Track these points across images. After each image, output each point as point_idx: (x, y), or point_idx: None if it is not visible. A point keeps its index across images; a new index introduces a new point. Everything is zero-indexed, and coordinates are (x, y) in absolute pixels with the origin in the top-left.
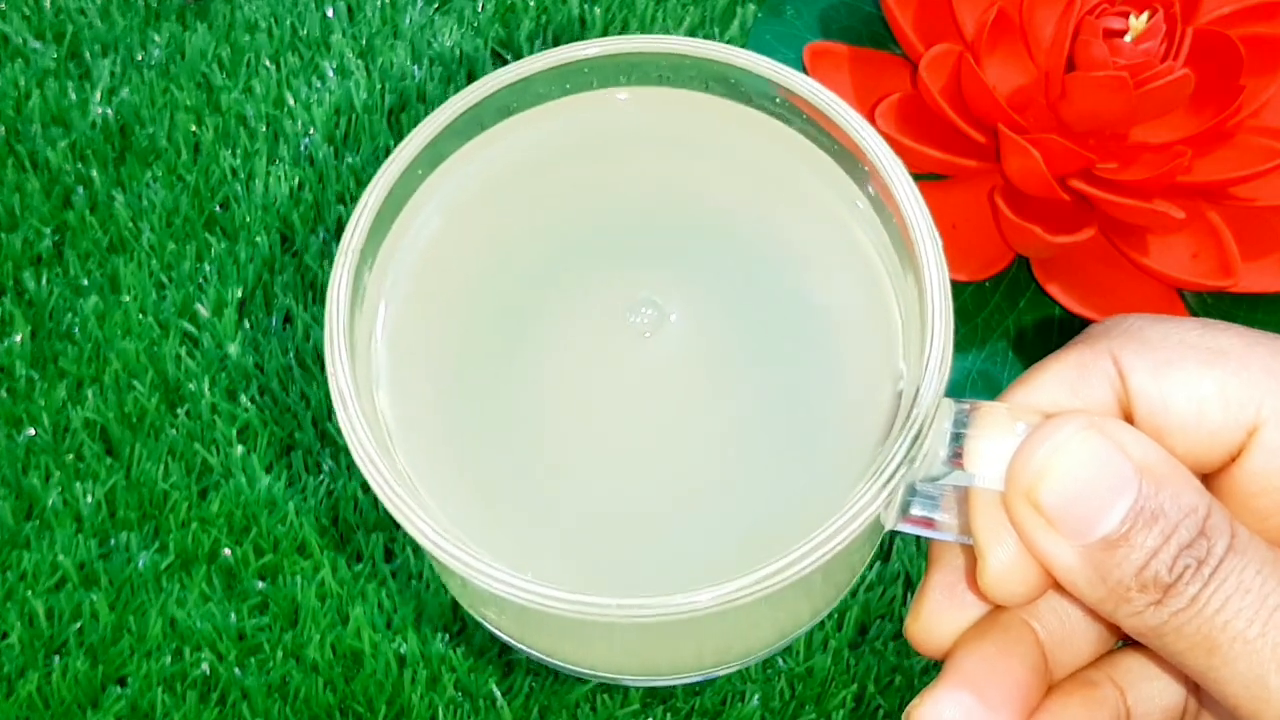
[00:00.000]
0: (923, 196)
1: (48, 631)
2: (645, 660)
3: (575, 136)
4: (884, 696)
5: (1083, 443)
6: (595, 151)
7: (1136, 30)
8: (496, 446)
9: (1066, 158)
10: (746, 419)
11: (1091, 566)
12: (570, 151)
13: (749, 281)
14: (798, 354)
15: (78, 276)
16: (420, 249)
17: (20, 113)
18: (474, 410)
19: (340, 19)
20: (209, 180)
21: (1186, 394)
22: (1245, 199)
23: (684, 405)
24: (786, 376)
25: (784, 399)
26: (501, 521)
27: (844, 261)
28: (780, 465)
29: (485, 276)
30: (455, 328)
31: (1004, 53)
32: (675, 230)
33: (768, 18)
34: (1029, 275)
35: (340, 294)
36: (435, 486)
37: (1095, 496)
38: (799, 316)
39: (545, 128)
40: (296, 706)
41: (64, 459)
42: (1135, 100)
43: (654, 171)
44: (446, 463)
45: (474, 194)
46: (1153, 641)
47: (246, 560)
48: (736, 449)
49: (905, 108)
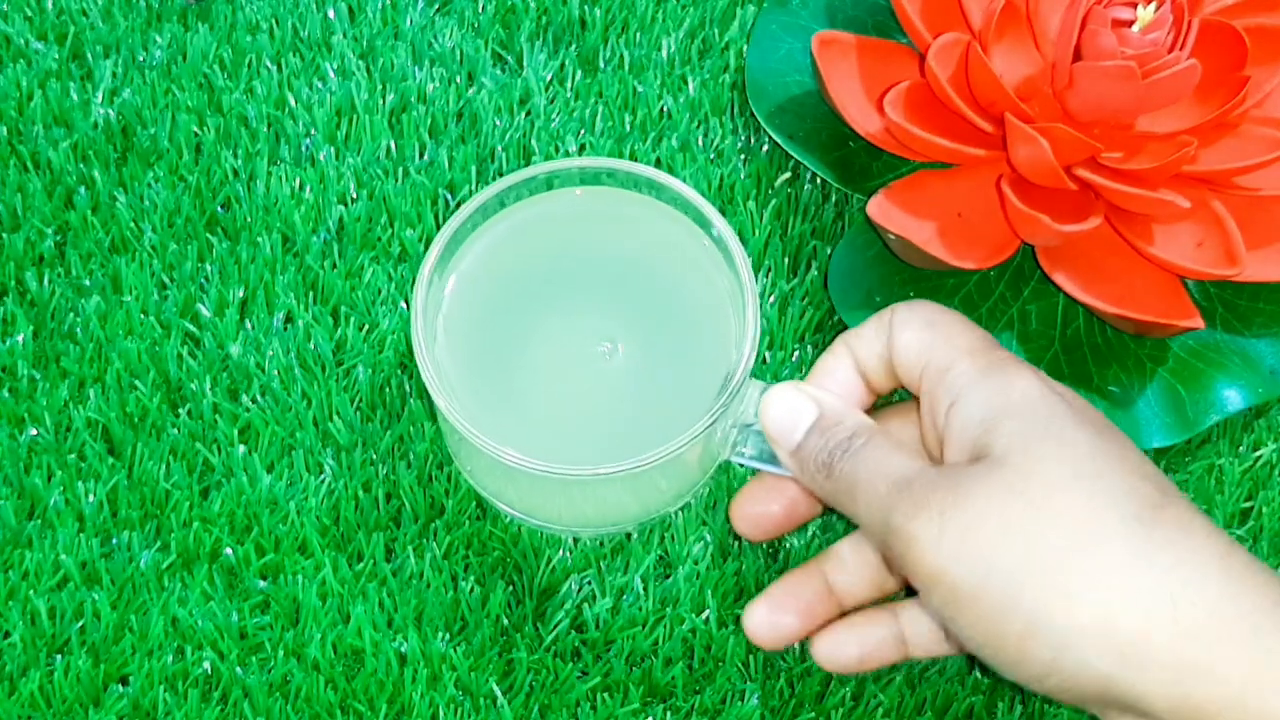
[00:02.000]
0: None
1: (50, 630)
2: (578, 512)
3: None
4: (884, 695)
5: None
6: (563, 223)
7: (1144, 20)
8: (505, 376)
9: (1073, 147)
10: (647, 383)
11: (796, 462)
12: (552, 223)
13: (651, 300)
14: (678, 347)
15: (80, 277)
16: (470, 267)
17: (22, 113)
18: (498, 359)
19: (341, 20)
20: (210, 181)
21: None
22: (1250, 188)
23: (610, 369)
24: (670, 359)
25: (668, 372)
26: (501, 418)
27: (704, 285)
28: (660, 409)
29: (508, 291)
30: (488, 318)
31: (1011, 42)
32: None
33: (773, 8)
34: (1034, 263)
35: (421, 284)
36: (461, 387)
37: (794, 421)
38: (679, 322)
39: (538, 208)
40: (298, 705)
41: (66, 458)
42: (1142, 90)
43: (594, 235)
44: (475, 377)
45: (502, 239)
46: (831, 501)
47: (248, 559)
48: (638, 397)
49: (913, 97)
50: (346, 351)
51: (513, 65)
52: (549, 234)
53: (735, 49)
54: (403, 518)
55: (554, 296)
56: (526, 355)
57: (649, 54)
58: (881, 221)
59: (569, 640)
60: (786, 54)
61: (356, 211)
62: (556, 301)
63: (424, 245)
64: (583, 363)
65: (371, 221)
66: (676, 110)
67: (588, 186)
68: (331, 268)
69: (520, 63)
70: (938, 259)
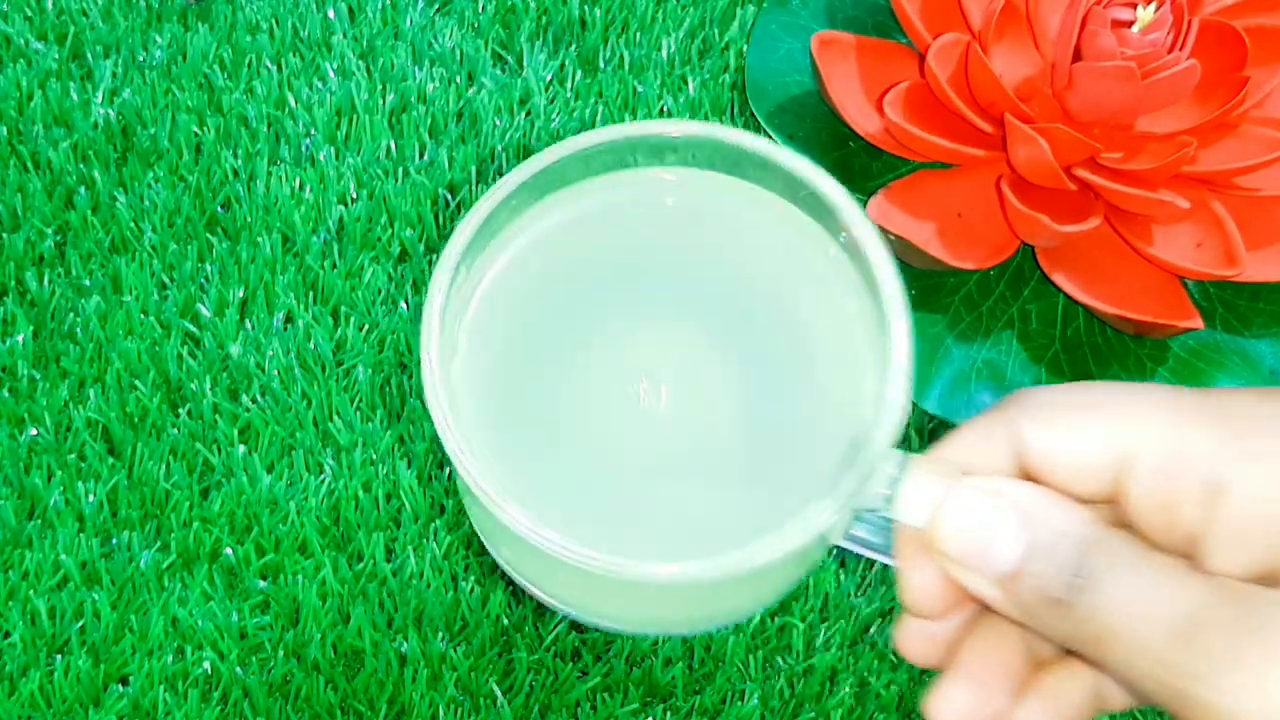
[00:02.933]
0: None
1: (50, 630)
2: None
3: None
4: (884, 693)
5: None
6: (634, 215)
7: (1144, 21)
8: (536, 423)
9: (1073, 147)
10: (736, 435)
11: (1006, 594)
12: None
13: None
14: (782, 388)
15: (80, 277)
16: (504, 266)
17: (22, 113)
18: (523, 393)
19: (341, 20)
20: (210, 181)
21: (1067, 442)
22: (1249, 189)
23: (689, 426)
24: (772, 406)
25: (774, 432)
26: (532, 486)
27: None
28: (754, 479)
29: (546, 299)
30: (518, 331)
31: (1011, 43)
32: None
33: (773, 8)
34: (1034, 264)
35: (440, 283)
36: (486, 447)
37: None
38: (785, 357)
39: (601, 195)
40: (298, 705)
41: (66, 459)
42: (1142, 90)
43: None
44: (506, 420)
45: (554, 234)
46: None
47: (248, 559)
48: (731, 462)
49: (913, 97)
50: (346, 351)
51: (513, 65)
52: (620, 230)
53: (735, 49)
54: (403, 518)
55: (621, 320)
56: (579, 398)
57: (649, 54)
58: (881, 222)
59: (569, 640)
60: (786, 54)
61: (356, 211)
62: (624, 327)
63: (424, 245)
64: (657, 415)
65: (371, 221)
66: (676, 110)
67: (677, 168)
68: (331, 268)
69: (520, 63)
70: (938, 259)
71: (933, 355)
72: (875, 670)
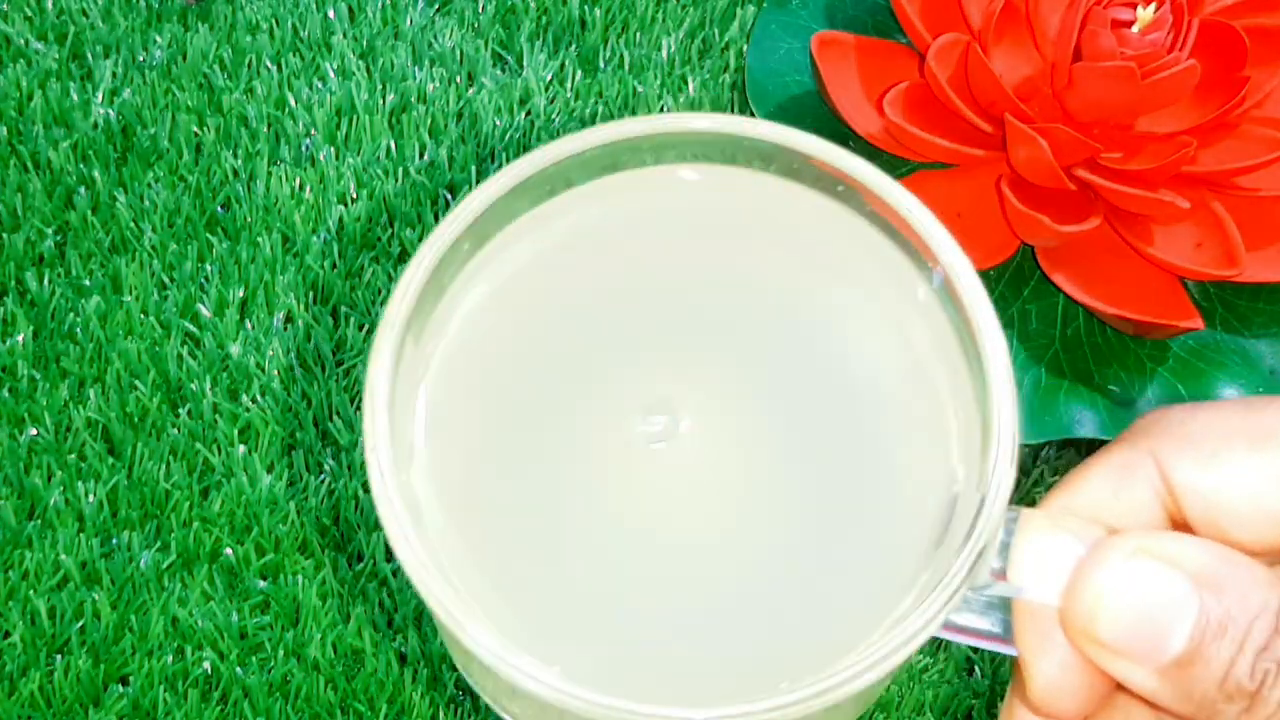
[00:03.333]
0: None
1: (50, 630)
2: None
3: (624, 216)
4: (885, 693)
5: (1132, 568)
6: (642, 232)
7: (1144, 21)
8: (525, 536)
9: (1073, 147)
10: (785, 517)
11: (1172, 685)
12: (618, 231)
13: (796, 371)
14: (843, 452)
15: (80, 277)
16: (462, 327)
17: (22, 114)
18: (505, 495)
19: (341, 20)
20: (210, 181)
21: (1239, 483)
22: (1249, 189)
23: (720, 503)
24: (830, 476)
25: (826, 499)
26: (524, 611)
27: (896, 355)
28: (820, 571)
29: (523, 360)
30: (490, 408)
31: (1011, 43)
32: (721, 317)
33: (773, 8)
34: (1034, 264)
35: (382, 367)
36: (460, 568)
37: (1156, 620)
38: (846, 412)
39: (595, 207)
40: (298, 705)
41: (66, 459)
42: (1142, 91)
43: (700, 255)
44: (473, 544)
45: (523, 269)
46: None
47: (248, 559)
48: (773, 550)
49: (912, 97)
50: (346, 351)
51: (513, 65)
52: (621, 253)
53: (735, 49)
54: None
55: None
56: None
57: (649, 54)
58: None
59: None
60: (786, 54)
61: (356, 211)
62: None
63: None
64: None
65: (371, 221)
66: (676, 110)
67: (702, 163)
68: (331, 268)
69: (520, 63)
70: None
71: None
72: None
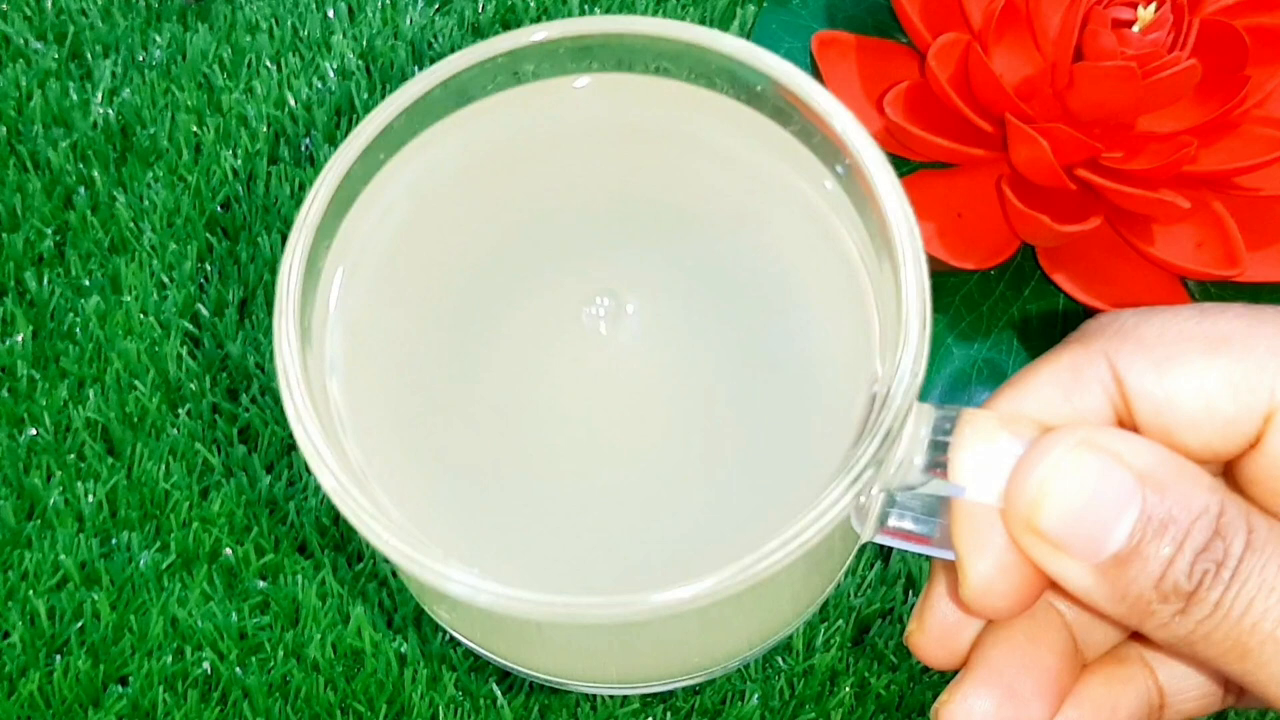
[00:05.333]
0: (900, 183)
1: (49, 631)
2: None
3: (536, 126)
4: (884, 694)
5: (1077, 460)
6: (557, 141)
7: (1144, 21)
8: (452, 439)
9: (1073, 147)
10: (711, 417)
11: (1108, 583)
12: (532, 141)
13: (714, 272)
14: (767, 350)
15: (79, 277)
16: (381, 232)
17: (22, 113)
18: (430, 400)
19: (341, 20)
20: (210, 181)
21: (1192, 388)
22: (1250, 189)
23: (647, 401)
24: (754, 373)
25: (751, 397)
26: (454, 516)
27: (816, 251)
28: (746, 466)
29: (444, 265)
30: (413, 315)
31: (1011, 42)
32: (639, 221)
33: (774, 7)
34: (1034, 264)
35: (294, 272)
36: (386, 477)
37: (1098, 514)
38: (768, 310)
39: (504, 117)
40: (297, 705)
41: (65, 459)
42: (1143, 90)
43: (614, 161)
44: (399, 453)
45: (440, 179)
46: (1184, 650)
47: (248, 560)
48: (700, 448)
49: (913, 97)
50: None
51: None
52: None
53: None
54: None
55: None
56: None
57: None
58: None
59: None
60: (786, 53)
61: None
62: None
63: None
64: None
65: None
66: None
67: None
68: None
69: None
70: (938, 259)
71: (933, 355)
72: (875, 670)
